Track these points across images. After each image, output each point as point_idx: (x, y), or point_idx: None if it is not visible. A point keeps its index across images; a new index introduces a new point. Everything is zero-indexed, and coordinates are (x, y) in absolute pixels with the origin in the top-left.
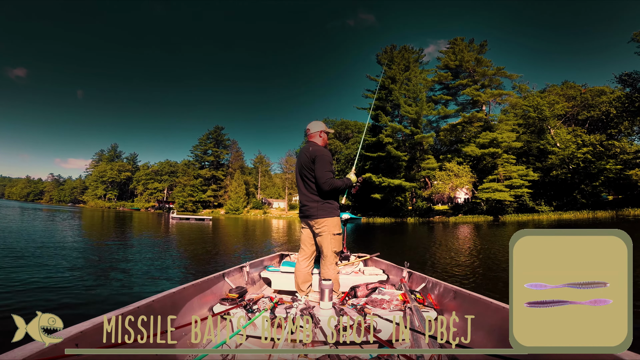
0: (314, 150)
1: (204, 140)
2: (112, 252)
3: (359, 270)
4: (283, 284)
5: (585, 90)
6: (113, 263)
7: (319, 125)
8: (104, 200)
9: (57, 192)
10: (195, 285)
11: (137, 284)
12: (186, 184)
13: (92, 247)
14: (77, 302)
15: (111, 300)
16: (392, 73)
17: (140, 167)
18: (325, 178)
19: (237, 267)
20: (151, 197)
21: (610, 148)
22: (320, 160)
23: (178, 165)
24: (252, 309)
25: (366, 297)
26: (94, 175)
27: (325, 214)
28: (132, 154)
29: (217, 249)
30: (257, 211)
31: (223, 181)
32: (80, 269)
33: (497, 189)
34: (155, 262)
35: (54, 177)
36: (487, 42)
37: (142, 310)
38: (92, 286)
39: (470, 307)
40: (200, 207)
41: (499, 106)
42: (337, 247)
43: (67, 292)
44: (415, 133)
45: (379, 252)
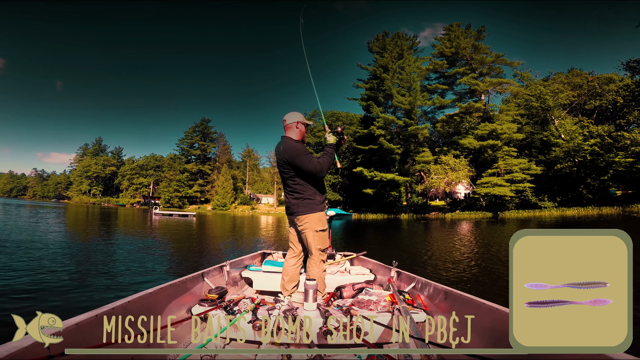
0: (284, 151)
1: (190, 133)
2: (88, 251)
3: (345, 270)
4: (265, 284)
5: (593, 78)
6: (88, 263)
7: (296, 116)
8: (88, 196)
9: (40, 187)
10: (173, 286)
11: (111, 285)
12: (172, 179)
13: (67, 245)
14: (46, 305)
15: (83, 302)
16: (384, 61)
17: (126, 161)
18: (314, 168)
19: (217, 267)
20: (136, 192)
21: (619, 139)
22: (298, 157)
23: (164, 160)
24: (233, 311)
25: (352, 298)
26: (78, 170)
27: (306, 210)
28: (117, 147)
29: (198, 248)
30: (245, 207)
31: (210, 176)
32: (51, 270)
33: (497, 184)
34: (132, 262)
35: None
36: (485, 28)
37: (116, 311)
38: (64, 287)
39: (461, 309)
40: (187, 202)
41: (499, 95)
42: (322, 244)
43: (38, 293)
44: (409, 124)
45: (366, 251)
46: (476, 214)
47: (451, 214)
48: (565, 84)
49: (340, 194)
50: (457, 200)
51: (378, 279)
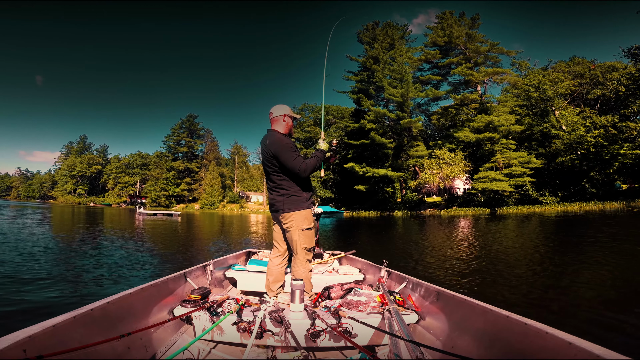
0: (270, 144)
1: (176, 129)
2: (67, 252)
3: (333, 270)
4: (250, 284)
5: (595, 67)
6: (65, 264)
7: (283, 109)
8: (74, 196)
9: (25, 187)
10: (154, 286)
11: (90, 286)
12: (159, 177)
13: (45, 246)
14: (22, 307)
15: (61, 303)
16: (374, 52)
17: (111, 159)
18: (297, 166)
19: (200, 266)
20: (122, 191)
21: (624, 130)
22: (283, 152)
23: (150, 157)
24: (217, 312)
25: (341, 299)
26: (63, 169)
27: (292, 207)
28: (102, 145)
29: (182, 248)
30: (233, 205)
31: (197, 174)
32: (30, 270)
33: (495, 178)
34: (112, 263)
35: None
36: (479, 16)
37: (95, 313)
38: (41, 288)
39: (454, 310)
40: (174, 201)
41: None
42: (308, 243)
43: (14, 295)
44: (402, 117)
45: (355, 250)
46: (473, 210)
47: (447, 211)
48: (565, 73)
49: (332, 191)
50: (455, 196)
51: (367, 279)
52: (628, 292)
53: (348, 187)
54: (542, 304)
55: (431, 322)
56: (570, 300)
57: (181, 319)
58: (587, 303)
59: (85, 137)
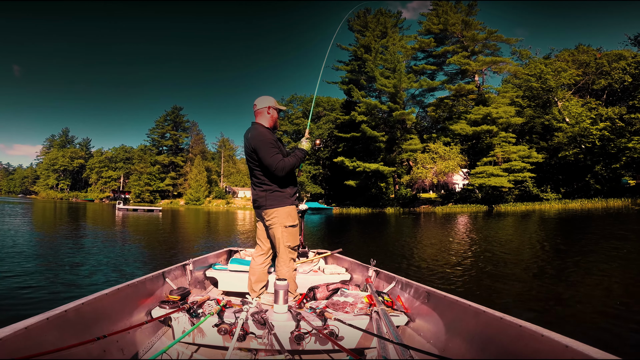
0: (251, 138)
1: (161, 122)
2: (40, 250)
3: (319, 269)
4: (231, 284)
5: (601, 55)
6: (38, 263)
7: (267, 101)
8: (56, 191)
9: (6, 182)
10: (131, 286)
11: (63, 286)
12: (143, 172)
13: (19, 243)
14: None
15: (33, 304)
16: (366, 41)
17: (94, 153)
18: (274, 164)
19: (179, 265)
20: (106, 186)
21: (633, 122)
22: (262, 147)
23: (134, 151)
24: (197, 313)
25: (327, 300)
26: (44, 164)
27: (275, 203)
28: (84, 139)
29: (160, 247)
30: (220, 201)
31: (183, 168)
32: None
33: (493, 174)
34: (86, 263)
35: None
36: (476, 2)
37: (69, 314)
38: (12, 288)
39: (445, 311)
40: (159, 197)
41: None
42: (292, 241)
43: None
44: (394, 109)
45: (342, 248)
46: (470, 207)
47: (442, 208)
48: (569, 62)
49: (322, 187)
50: (451, 193)
51: (354, 279)
52: (628, 294)
53: (338, 182)
54: (537, 306)
55: (421, 324)
56: (567, 302)
57: (159, 321)
58: (585, 305)
59: (68, 130)
